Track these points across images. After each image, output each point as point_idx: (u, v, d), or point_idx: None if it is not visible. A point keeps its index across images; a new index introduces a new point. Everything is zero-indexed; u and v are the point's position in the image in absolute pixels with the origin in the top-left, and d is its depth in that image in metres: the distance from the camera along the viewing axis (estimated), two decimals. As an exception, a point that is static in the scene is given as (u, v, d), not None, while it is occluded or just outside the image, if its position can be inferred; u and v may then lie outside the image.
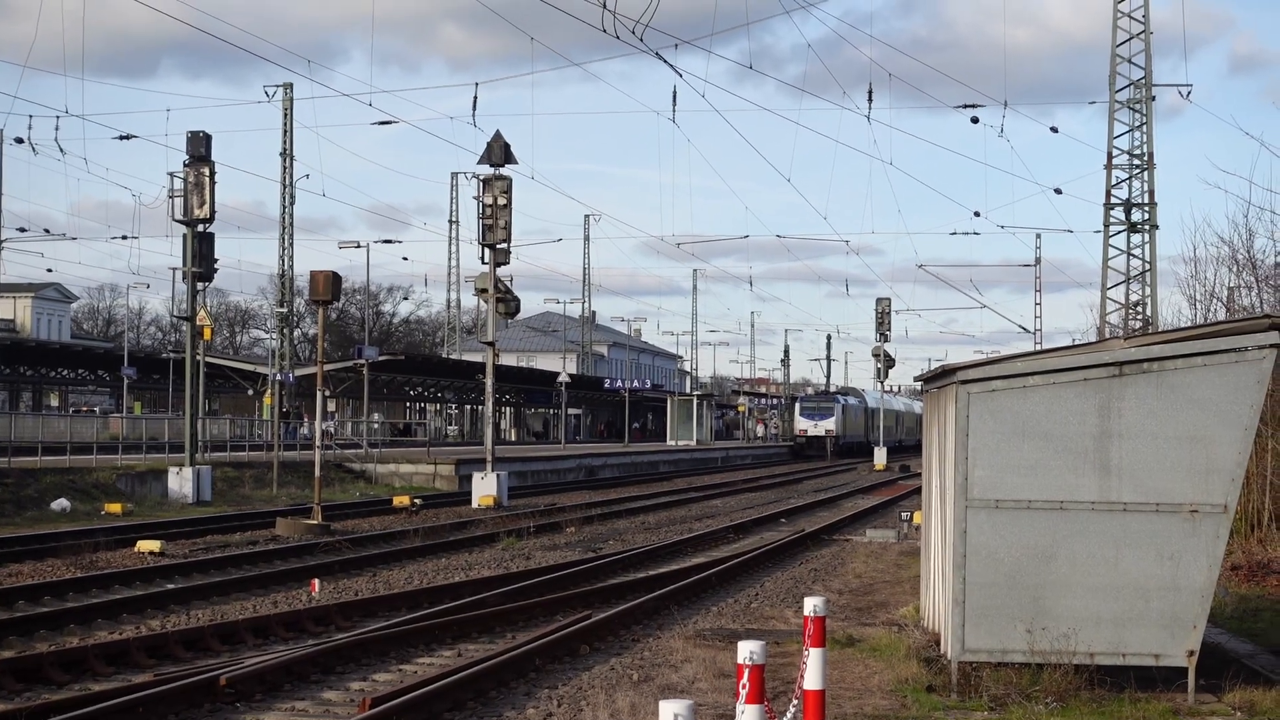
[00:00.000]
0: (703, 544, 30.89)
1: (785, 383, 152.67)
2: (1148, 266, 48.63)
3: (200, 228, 39.65)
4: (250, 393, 73.90)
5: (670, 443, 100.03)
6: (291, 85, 71.17)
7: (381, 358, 69.15)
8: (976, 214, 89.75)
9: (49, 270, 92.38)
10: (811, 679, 10.32)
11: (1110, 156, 48.62)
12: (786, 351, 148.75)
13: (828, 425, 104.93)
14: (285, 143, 71.74)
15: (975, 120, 50.36)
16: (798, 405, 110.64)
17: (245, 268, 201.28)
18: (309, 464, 41.58)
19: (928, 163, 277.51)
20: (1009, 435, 13.41)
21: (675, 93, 41.55)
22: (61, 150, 51.69)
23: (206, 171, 39.05)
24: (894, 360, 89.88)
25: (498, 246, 41.80)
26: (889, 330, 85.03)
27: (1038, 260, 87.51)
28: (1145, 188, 48.57)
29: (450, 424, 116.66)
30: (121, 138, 57.83)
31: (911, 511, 33.26)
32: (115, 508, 35.70)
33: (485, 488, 42.39)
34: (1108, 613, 13.27)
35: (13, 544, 26.85)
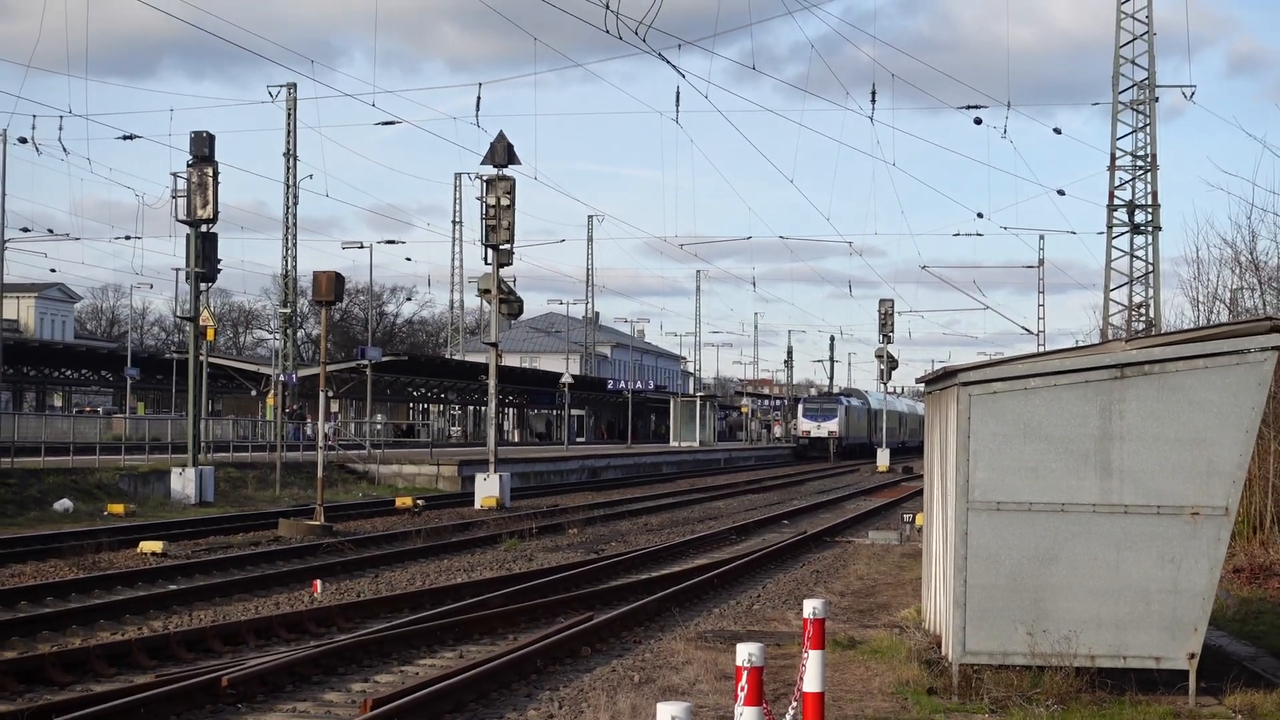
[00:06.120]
0: (705, 546, 30.89)
1: (789, 384, 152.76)
2: (1151, 268, 48.68)
3: (203, 228, 39.65)
4: (253, 393, 73.96)
5: (673, 444, 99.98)
6: (295, 85, 71.23)
7: (384, 358, 69.22)
8: (979, 215, 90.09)
9: (52, 270, 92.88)
10: (811, 681, 10.34)
11: (1113, 158, 48.67)
12: (790, 353, 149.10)
13: (831, 426, 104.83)
14: (288, 143, 71.75)
15: (978, 121, 50.50)
16: (801, 406, 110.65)
17: (248, 268, 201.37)
18: (312, 465, 41.59)
19: (931, 164, 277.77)
20: (1010, 437, 13.41)
21: (678, 93, 41.93)
22: (65, 150, 52.04)
23: (210, 171, 39.07)
24: (897, 361, 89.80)
25: (501, 247, 41.81)
26: (892, 331, 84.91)
27: (1041, 262, 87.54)
28: (1148, 189, 48.62)
29: (453, 425, 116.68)
30: (124, 138, 58.03)
31: (914, 513, 33.27)
32: (118, 508, 35.72)
33: (488, 489, 42.39)
34: (1109, 615, 13.26)
35: (15, 544, 26.89)
